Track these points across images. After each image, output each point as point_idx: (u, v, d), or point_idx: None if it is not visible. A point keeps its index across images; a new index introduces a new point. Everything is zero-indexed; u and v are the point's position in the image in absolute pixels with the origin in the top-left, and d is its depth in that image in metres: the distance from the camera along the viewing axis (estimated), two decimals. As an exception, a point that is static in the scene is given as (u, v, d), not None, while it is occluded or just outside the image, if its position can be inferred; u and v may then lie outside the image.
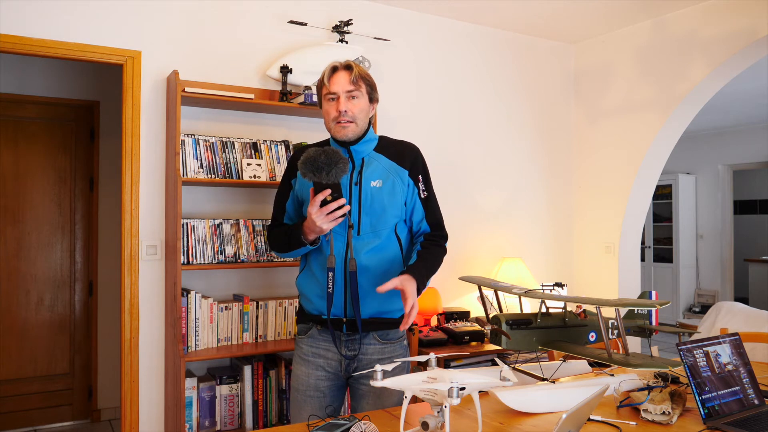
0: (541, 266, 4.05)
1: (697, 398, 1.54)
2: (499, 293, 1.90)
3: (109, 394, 4.05)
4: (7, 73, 3.82)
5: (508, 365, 1.56)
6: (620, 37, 3.91)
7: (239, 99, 2.80)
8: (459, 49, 3.76)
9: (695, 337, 2.58)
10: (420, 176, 1.94)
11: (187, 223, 2.69)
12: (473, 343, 3.21)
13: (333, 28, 3.21)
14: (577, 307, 1.83)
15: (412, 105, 3.59)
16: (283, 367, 2.83)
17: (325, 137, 2.02)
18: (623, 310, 1.94)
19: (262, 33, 3.11)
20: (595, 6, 3.51)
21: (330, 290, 1.82)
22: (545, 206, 4.11)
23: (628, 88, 3.86)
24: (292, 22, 3.13)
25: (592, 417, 1.52)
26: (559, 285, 3.19)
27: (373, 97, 1.92)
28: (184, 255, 2.65)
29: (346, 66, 1.88)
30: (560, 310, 1.80)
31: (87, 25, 2.72)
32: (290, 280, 3.07)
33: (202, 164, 2.77)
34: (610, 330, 1.79)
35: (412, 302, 1.72)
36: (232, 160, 2.85)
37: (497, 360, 1.67)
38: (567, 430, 1.21)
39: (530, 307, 3.08)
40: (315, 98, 2.91)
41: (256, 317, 2.87)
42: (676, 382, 1.83)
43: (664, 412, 1.53)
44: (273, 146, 2.97)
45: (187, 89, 2.69)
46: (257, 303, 2.88)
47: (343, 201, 1.70)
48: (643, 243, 7.80)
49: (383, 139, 1.98)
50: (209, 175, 2.78)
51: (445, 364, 3.03)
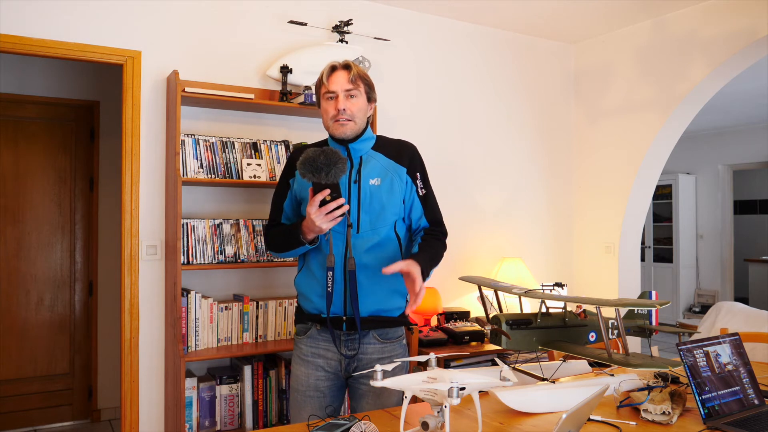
0: (541, 266, 4.05)
1: (697, 398, 1.54)
2: (499, 293, 1.90)
3: (109, 394, 4.05)
4: (7, 73, 3.82)
5: (508, 365, 1.56)
6: (620, 37, 3.91)
7: (239, 99, 2.80)
8: (459, 49, 3.76)
9: (695, 337, 2.58)
10: (418, 174, 1.95)
11: (187, 223, 2.69)
12: (473, 343, 3.22)
13: (333, 28, 3.21)
14: (577, 307, 1.83)
15: (412, 105, 3.59)
16: (283, 367, 2.83)
17: (325, 137, 2.03)
18: (623, 310, 1.94)
19: (262, 33, 3.11)
20: (595, 6, 3.51)
21: (329, 289, 1.82)
22: (545, 206, 4.11)
23: (628, 88, 3.86)
24: (292, 22, 3.14)
25: (592, 417, 1.52)
26: (559, 285, 3.19)
27: (371, 97, 1.93)
28: (184, 255, 2.65)
29: (345, 65, 1.89)
30: (560, 310, 1.80)
31: (87, 25, 2.72)
32: (290, 280, 3.07)
33: (202, 164, 2.77)
34: (610, 330, 1.79)
35: (420, 284, 1.72)
36: (232, 160, 2.85)
37: (497, 360, 1.66)
38: (567, 430, 1.21)
39: (530, 307, 3.08)
40: (315, 98, 2.91)
41: (256, 317, 2.87)
42: (676, 382, 1.83)
43: (664, 412, 1.53)
44: (273, 146, 2.97)
45: (187, 89, 2.69)
46: (257, 303, 2.88)
47: (342, 201, 1.71)
48: (643, 243, 7.80)
49: (381, 139, 1.99)
50: (209, 175, 2.78)
51: (445, 364, 3.04)
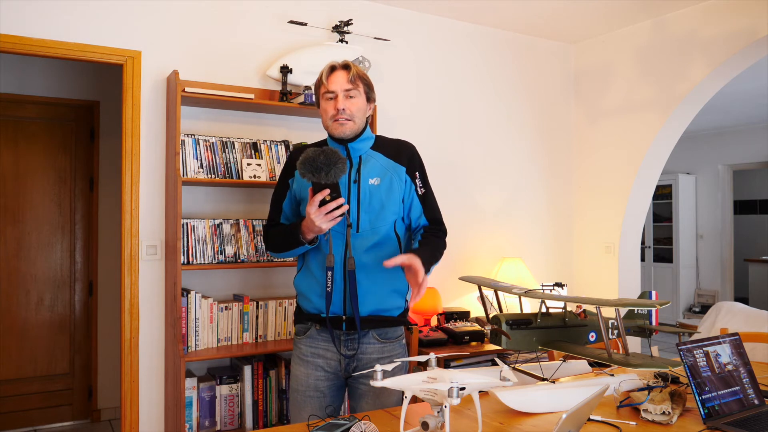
0: (541, 266, 4.05)
1: (697, 398, 1.54)
2: (499, 293, 1.90)
3: (109, 394, 4.05)
4: (7, 73, 3.82)
5: (508, 365, 1.56)
6: (620, 37, 3.91)
7: (239, 99, 2.80)
8: (459, 49, 3.76)
9: (695, 337, 2.58)
10: (417, 173, 1.96)
11: (187, 223, 2.69)
12: (473, 343, 3.21)
13: (333, 28, 3.21)
14: (577, 307, 1.83)
15: (412, 105, 3.59)
16: (283, 367, 2.83)
17: (325, 137, 2.03)
18: (623, 310, 1.94)
19: (262, 33, 3.11)
20: (595, 6, 3.51)
21: (329, 289, 1.83)
22: (545, 206, 4.11)
23: (628, 88, 3.86)
24: (292, 22, 3.14)
25: (592, 417, 1.52)
26: (559, 285, 3.19)
27: (370, 97, 1.94)
28: (184, 255, 2.65)
29: (344, 65, 1.90)
30: (560, 310, 1.80)
31: (87, 25, 2.72)
32: (290, 280, 3.07)
33: (202, 164, 2.77)
34: (610, 330, 1.79)
35: (422, 274, 1.73)
36: (232, 160, 2.85)
37: (497, 360, 1.66)
38: (567, 430, 1.21)
39: (530, 307, 3.08)
40: (314, 98, 2.92)
41: (256, 317, 2.87)
42: (676, 382, 1.83)
43: (664, 412, 1.53)
44: (273, 146, 2.97)
45: (187, 89, 2.69)
46: (257, 303, 2.88)
47: (341, 201, 1.71)
48: (643, 243, 7.80)
49: (380, 138, 2.00)
50: (209, 175, 2.78)
51: (445, 364, 3.03)
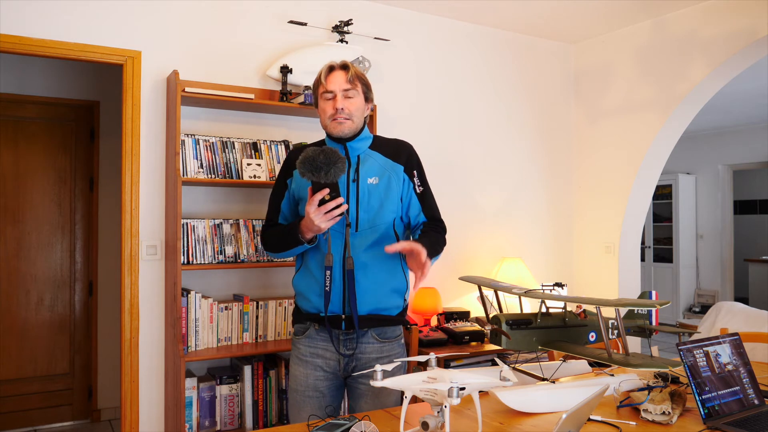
0: (541, 266, 4.05)
1: (697, 398, 1.54)
2: (499, 293, 1.90)
3: (109, 394, 4.05)
4: (7, 73, 3.82)
5: (508, 365, 1.56)
6: (620, 37, 3.91)
7: (239, 99, 2.80)
8: (459, 49, 3.76)
9: (695, 337, 2.58)
10: (415, 171, 1.97)
11: (187, 223, 2.69)
12: (473, 343, 3.21)
13: (333, 28, 3.21)
14: (577, 307, 1.83)
15: (412, 105, 3.59)
16: (283, 367, 2.83)
17: (324, 137, 2.03)
18: (623, 310, 1.94)
19: (262, 33, 3.11)
20: (595, 6, 3.51)
21: (327, 288, 1.83)
22: (545, 206, 4.11)
23: (628, 88, 3.86)
24: (292, 22, 3.13)
25: (592, 417, 1.52)
26: (559, 285, 3.19)
27: (368, 97, 1.95)
28: (184, 255, 2.65)
29: (343, 65, 1.91)
30: (560, 310, 1.80)
31: (87, 25, 2.72)
32: (290, 280, 3.04)
33: (202, 164, 2.77)
34: (610, 330, 1.79)
35: (425, 256, 1.73)
36: (232, 160, 2.85)
37: (497, 360, 1.66)
38: (567, 430, 1.21)
39: (530, 307, 3.08)
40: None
41: (256, 317, 2.87)
42: (676, 382, 1.82)
43: (664, 412, 1.53)
44: (273, 146, 2.97)
45: (187, 89, 2.69)
46: (257, 303, 2.88)
47: (341, 200, 1.72)
48: (643, 243, 7.80)
49: (378, 138, 2.01)
50: (209, 175, 2.78)
51: (445, 364, 3.03)
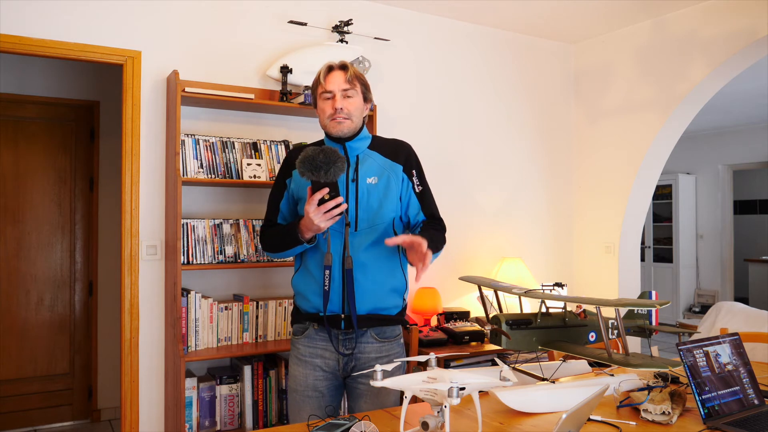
0: (541, 266, 4.05)
1: (697, 398, 1.54)
2: (499, 293, 1.90)
3: (109, 394, 4.05)
4: (7, 73, 3.82)
5: (508, 365, 1.56)
6: (620, 37, 3.91)
7: (239, 99, 2.80)
8: (459, 49, 3.76)
9: (695, 337, 2.58)
10: (414, 171, 1.97)
11: (187, 223, 2.69)
12: (473, 343, 3.21)
13: (333, 28, 3.21)
14: (577, 307, 1.83)
15: (412, 105, 3.59)
16: (283, 367, 2.83)
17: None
18: (623, 310, 1.94)
19: (262, 33, 3.11)
20: (595, 6, 3.51)
21: (326, 287, 1.83)
22: (545, 206, 4.11)
23: (628, 88, 3.86)
24: (292, 22, 3.13)
25: (592, 417, 1.52)
26: (559, 285, 3.19)
27: (367, 97, 1.96)
28: (184, 255, 2.65)
29: (342, 65, 1.92)
30: (560, 310, 1.80)
31: (87, 25, 2.72)
32: (290, 280, 3.06)
33: (202, 164, 2.77)
34: (610, 330, 1.79)
35: (425, 246, 1.72)
36: (232, 160, 2.85)
37: (497, 360, 1.66)
38: (567, 430, 1.21)
39: (530, 307, 3.08)
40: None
41: (256, 317, 2.87)
42: (676, 382, 1.83)
43: (664, 412, 1.53)
44: (273, 146, 2.97)
45: (187, 89, 2.69)
46: (257, 303, 2.88)
47: (340, 199, 1.72)
48: (643, 243, 7.80)
49: (376, 138, 2.02)
50: (209, 175, 2.78)
51: (445, 364, 3.03)
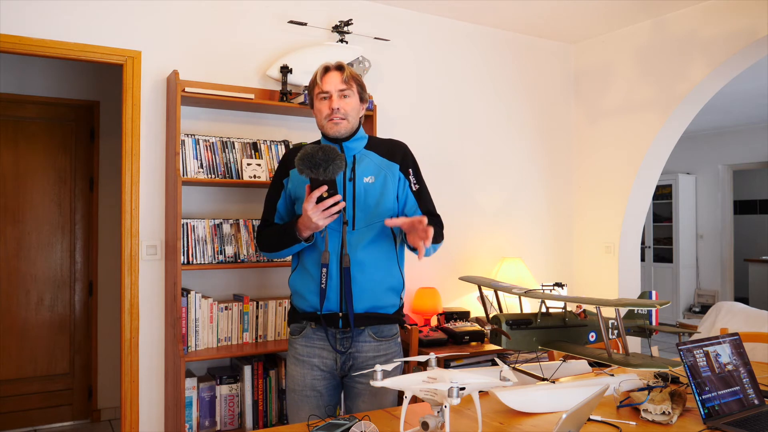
0: (541, 266, 4.05)
1: (697, 398, 1.54)
2: (499, 293, 1.90)
3: (109, 394, 4.05)
4: (7, 73, 3.82)
5: (508, 365, 1.56)
6: (620, 37, 3.91)
7: (239, 99, 2.80)
8: (459, 49, 3.76)
9: (695, 337, 2.58)
10: (410, 170, 1.99)
11: (187, 223, 2.69)
12: (473, 343, 3.21)
13: (333, 28, 3.21)
14: (577, 307, 1.83)
15: (412, 105, 3.59)
16: (283, 367, 2.83)
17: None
18: (623, 310, 1.94)
19: (262, 33, 3.11)
20: (595, 6, 3.51)
21: (323, 286, 1.84)
22: (545, 206, 4.11)
23: (628, 88, 3.86)
24: (292, 22, 3.13)
25: (592, 417, 1.52)
26: (559, 285, 3.18)
27: (363, 97, 1.98)
28: (184, 255, 2.65)
29: (338, 66, 1.93)
30: (560, 310, 1.80)
31: (87, 25, 2.72)
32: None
33: (202, 164, 2.76)
34: (610, 330, 1.79)
35: (426, 222, 1.71)
36: (232, 160, 2.85)
37: (497, 360, 1.66)
38: (567, 430, 1.21)
39: (530, 307, 3.08)
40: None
41: (256, 317, 2.87)
42: (676, 382, 1.83)
43: (664, 412, 1.53)
44: (273, 146, 2.97)
45: (187, 89, 2.69)
46: (257, 303, 2.88)
47: (338, 197, 1.73)
48: (643, 243, 7.80)
49: (373, 138, 2.03)
50: (209, 175, 2.78)
51: (445, 364, 3.03)
